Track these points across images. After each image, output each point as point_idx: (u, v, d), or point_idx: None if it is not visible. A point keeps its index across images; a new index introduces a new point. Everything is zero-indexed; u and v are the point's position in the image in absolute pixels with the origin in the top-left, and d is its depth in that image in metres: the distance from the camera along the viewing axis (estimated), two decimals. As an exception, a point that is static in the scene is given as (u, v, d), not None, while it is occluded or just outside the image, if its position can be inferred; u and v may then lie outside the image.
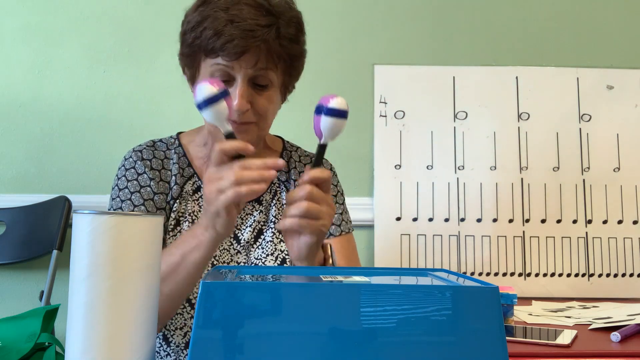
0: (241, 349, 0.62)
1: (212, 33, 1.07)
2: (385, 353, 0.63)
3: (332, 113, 0.97)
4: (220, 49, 1.07)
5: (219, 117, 0.97)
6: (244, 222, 1.22)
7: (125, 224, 0.69)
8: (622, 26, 2.10)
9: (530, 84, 2.04)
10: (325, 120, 0.97)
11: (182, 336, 1.15)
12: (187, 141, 1.28)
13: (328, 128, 0.98)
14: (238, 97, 1.08)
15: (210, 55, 1.09)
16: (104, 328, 0.68)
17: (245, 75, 1.09)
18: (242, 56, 1.07)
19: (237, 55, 1.07)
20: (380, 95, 2.02)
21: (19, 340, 1.46)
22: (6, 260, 1.85)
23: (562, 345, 1.17)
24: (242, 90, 1.09)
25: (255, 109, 1.12)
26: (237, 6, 1.08)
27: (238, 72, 1.09)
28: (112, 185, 1.22)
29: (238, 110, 1.09)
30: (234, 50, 1.06)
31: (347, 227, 1.32)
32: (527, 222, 1.98)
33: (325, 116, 0.97)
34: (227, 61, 1.08)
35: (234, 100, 1.08)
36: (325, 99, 0.98)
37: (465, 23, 2.07)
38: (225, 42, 1.06)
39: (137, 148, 1.24)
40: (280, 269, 1.04)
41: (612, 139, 2.03)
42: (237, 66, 1.09)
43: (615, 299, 1.88)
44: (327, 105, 0.97)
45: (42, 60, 1.97)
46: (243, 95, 1.09)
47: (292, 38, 1.13)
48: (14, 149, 1.95)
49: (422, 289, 0.68)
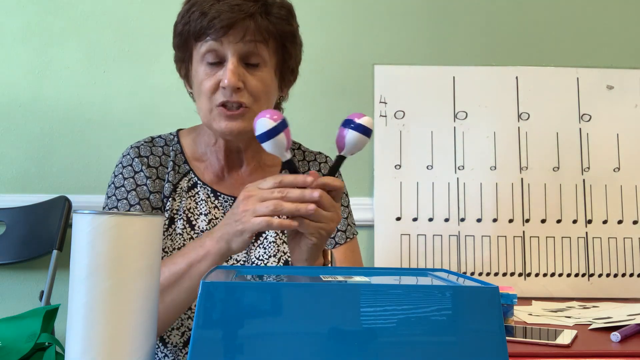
0: (241, 349, 0.62)
1: (199, 13, 1.08)
2: (385, 353, 0.63)
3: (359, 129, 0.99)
4: (207, 26, 1.07)
5: (278, 148, 0.98)
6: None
7: (125, 224, 0.69)
8: (622, 26, 2.10)
9: (530, 84, 2.04)
10: (352, 134, 1.00)
11: (179, 336, 1.15)
12: (185, 138, 1.27)
13: (352, 142, 1.00)
14: (228, 72, 1.08)
15: (200, 38, 1.10)
16: (104, 328, 0.68)
17: (235, 51, 1.09)
18: (229, 30, 1.07)
19: (225, 30, 1.07)
20: (380, 95, 2.02)
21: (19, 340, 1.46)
22: (6, 260, 1.85)
23: (562, 345, 1.17)
24: (232, 66, 1.08)
25: (249, 90, 1.11)
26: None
27: (227, 49, 1.09)
28: (109, 182, 1.21)
29: (229, 85, 1.08)
30: (220, 24, 1.06)
31: (352, 232, 1.32)
32: (527, 222, 1.98)
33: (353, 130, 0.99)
34: (215, 38, 1.08)
35: (224, 78, 1.08)
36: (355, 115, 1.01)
37: (465, 23, 2.07)
38: (212, 18, 1.06)
39: (135, 144, 1.23)
40: (280, 269, 1.04)
41: (612, 139, 2.03)
42: (225, 42, 1.08)
43: (615, 299, 1.88)
44: (357, 121, 1.00)
45: (42, 60, 1.97)
46: (234, 71, 1.08)
47: (282, 17, 1.13)
48: (14, 149, 1.95)
49: (422, 289, 0.68)
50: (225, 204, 1.21)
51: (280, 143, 0.97)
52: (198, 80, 1.13)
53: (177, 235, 1.17)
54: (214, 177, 1.23)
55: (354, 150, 1.02)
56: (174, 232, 1.17)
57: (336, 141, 1.02)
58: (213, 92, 1.11)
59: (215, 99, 1.11)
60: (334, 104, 2.01)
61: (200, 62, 1.12)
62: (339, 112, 2.02)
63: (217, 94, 1.11)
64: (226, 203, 1.21)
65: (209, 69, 1.11)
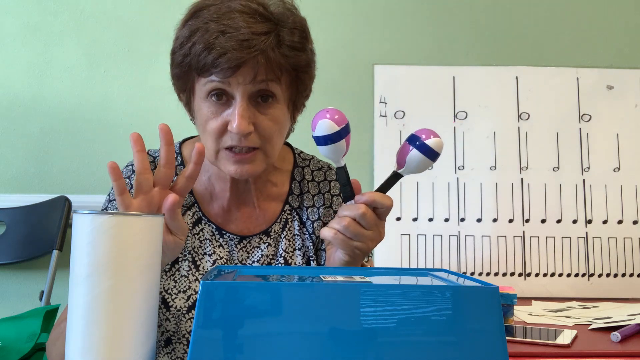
0: (241, 349, 0.62)
1: (202, 48, 0.95)
2: (385, 353, 0.63)
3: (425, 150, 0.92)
4: (212, 64, 0.94)
5: (336, 155, 0.91)
6: (250, 255, 1.12)
7: (125, 224, 0.69)
8: (622, 26, 2.10)
9: (530, 84, 2.04)
10: (415, 154, 0.92)
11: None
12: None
13: (415, 164, 0.93)
14: (237, 117, 0.96)
15: (203, 73, 0.97)
16: (104, 328, 0.68)
17: (244, 92, 0.97)
18: (237, 71, 0.95)
19: (232, 71, 0.94)
20: (380, 95, 2.02)
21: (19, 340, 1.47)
22: (6, 260, 1.86)
23: (562, 345, 1.17)
24: (241, 110, 0.96)
25: (259, 132, 0.99)
26: (228, 14, 0.96)
27: (236, 90, 0.97)
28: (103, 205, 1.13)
29: (238, 132, 0.96)
30: (228, 64, 0.94)
31: None
32: (527, 222, 1.98)
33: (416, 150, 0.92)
34: (221, 78, 0.96)
35: (232, 122, 0.96)
36: (425, 132, 0.92)
37: (465, 23, 2.07)
38: (217, 56, 0.94)
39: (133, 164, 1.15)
40: (280, 269, 1.04)
41: (612, 139, 2.03)
42: (234, 82, 0.96)
43: (615, 299, 1.88)
44: (425, 141, 0.91)
45: (42, 60, 1.97)
46: (243, 115, 0.96)
47: (295, 46, 1.00)
48: (14, 149, 1.95)
49: (422, 289, 0.68)
50: (231, 242, 1.12)
51: (340, 150, 0.91)
52: (202, 118, 1.01)
53: (181, 277, 1.08)
54: (219, 211, 1.13)
55: (414, 171, 0.93)
56: (177, 272, 1.08)
57: (397, 155, 0.94)
58: (220, 134, 0.99)
59: (222, 142, 1.00)
60: (334, 104, 1.99)
61: (205, 99, 1.00)
62: (339, 112, 2.02)
63: (224, 137, 1.00)
64: (232, 242, 1.12)
65: (214, 107, 0.99)
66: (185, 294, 1.08)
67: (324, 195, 1.18)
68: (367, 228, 0.92)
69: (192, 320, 1.07)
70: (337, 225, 0.92)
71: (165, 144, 0.92)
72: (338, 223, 0.92)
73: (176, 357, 1.10)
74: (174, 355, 1.10)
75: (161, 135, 0.92)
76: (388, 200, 0.93)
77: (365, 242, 0.93)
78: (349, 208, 0.93)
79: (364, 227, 0.92)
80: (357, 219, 0.92)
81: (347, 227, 0.91)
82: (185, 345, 1.08)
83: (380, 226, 0.94)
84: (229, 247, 1.12)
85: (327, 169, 1.21)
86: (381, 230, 0.95)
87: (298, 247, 1.13)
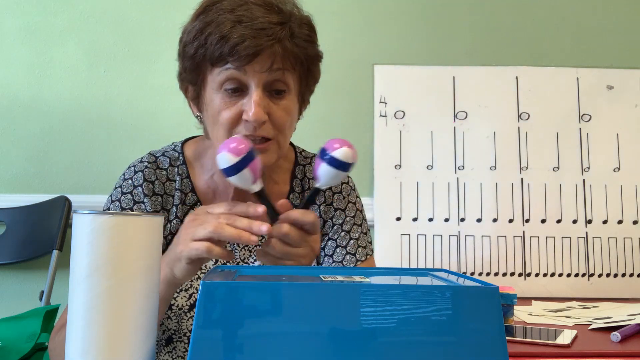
0: (241, 349, 0.62)
1: (219, 37, 0.95)
2: (385, 353, 0.63)
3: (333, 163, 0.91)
4: (229, 53, 0.95)
5: (244, 183, 0.90)
6: (252, 254, 1.13)
7: (125, 224, 0.69)
8: (622, 26, 2.10)
9: (530, 84, 2.04)
10: (325, 168, 0.91)
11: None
12: (192, 156, 1.15)
13: (327, 177, 0.92)
14: (254, 105, 0.96)
15: (218, 63, 0.97)
16: (104, 328, 0.68)
17: (260, 81, 0.97)
18: (255, 58, 0.95)
19: (250, 58, 0.95)
20: (380, 95, 2.02)
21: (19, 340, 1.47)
22: (6, 260, 1.86)
23: (562, 345, 1.17)
24: (258, 98, 0.97)
25: (273, 122, 1.00)
26: (244, 7, 0.97)
27: (252, 78, 0.97)
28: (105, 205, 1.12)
29: (255, 120, 0.97)
30: (246, 51, 0.94)
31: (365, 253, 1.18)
32: (527, 222, 1.98)
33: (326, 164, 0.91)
34: (237, 66, 0.96)
35: (249, 111, 0.97)
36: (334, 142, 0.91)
37: (465, 23, 2.07)
38: (235, 44, 0.94)
39: (138, 167, 1.11)
40: (280, 269, 1.04)
41: (612, 139, 2.03)
42: (250, 71, 0.97)
43: (615, 299, 1.88)
44: (331, 153, 0.90)
45: (42, 60, 1.97)
46: (259, 103, 0.97)
47: (306, 38, 1.02)
48: (14, 149, 1.95)
49: (422, 289, 0.68)
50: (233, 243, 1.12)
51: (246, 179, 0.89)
52: (214, 109, 1.01)
53: None
54: None
55: (330, 184, 0.93)
56: None
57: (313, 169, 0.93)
58: (234, 124, 1.00)
59: (236, 132, 1.00)
60: (334, 104, 2.01)
61: (217, 90, 1.00)
62: (339, 112, 2.03)
63: (238, 127, 1.00)
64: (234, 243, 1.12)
65: (228, 98, 0.99)
66: (187, 292, 1.09)
67: (324, 192, 1.18)
68: (294, 246, 0.91)
69: (193, 319, 1.07)
70: (265, 247, 0.92)
71: None
72: (265, 245, 0.91)
73: (177, 356, 1.10)
74: (175, 354, 1.10)
75: None
76: (310, 216, 0.91)
77: (296, 259, 0.91)
78: (274, 229, 0.91)
79: (292, 245, 0.90)
80: (282, 239, 0.90)
81: (273, 247, 0.90)
82: (186, 343, 1.09)
83: (311, 241, 0.93)
84: (231, 246, 1.13)
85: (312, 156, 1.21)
86: (313, 245, 0.93)
87: None
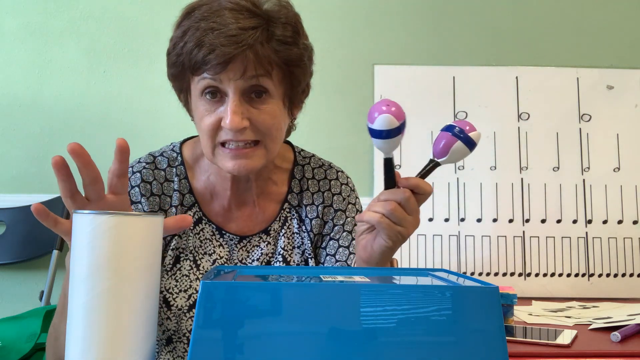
0: (241, 349, 0.62)
1: (193, 45, 0.96)
2: (385, 353, 0.63)
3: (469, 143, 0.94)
4: (203, 62, 0.96)
5: (391, 148, 0.92)
6: (250, 254, 1.12)
7: (125, 224, 0.69)
8: (622, 26, 2.10)
9: (530, 84, 2.04)
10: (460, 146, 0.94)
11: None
12: (190, 157, 1.15)
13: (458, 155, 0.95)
14: (230, 113, 0.96)
15: (196, 72, 0.98)
16: (104, 328, 0.68)
17: (236, 88, 0.97)
18: (227, 66, 0.96)
19: (222, 67, 0.95)
20: (380, 95, 2.02)
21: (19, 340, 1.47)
22: (6, 260, 1.86)
23: (562, 345, 1.17)
24: (233, 106, 0.97)
25: (256, 126, 1.00)
26: (218, 12, 0.97)
27: (227, 86, 0.97)
28: None
29: (232, 128, 0.97)
30: (216, 60, 0.95)
31: None
32: (527, 222, 1.98)
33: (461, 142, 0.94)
34: (212, 75, 0.97)
35: (225, 118, 0.97)
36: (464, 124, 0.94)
37: (465, 23, 2.07)
38: (207, 53, 0.95)
39: (136, 168, 1.11)
40: (280, 269, 1.04)
41: (612, 139, 2.03)
42: (224, 78, 0.97)
43: (615, 299, 1.88)
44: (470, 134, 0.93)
45: (42, 60, 1.97)
46: (236, 111, 0.97)
47: (286, 40, 1.00)
48: (14, 149, 1.95)
49: (422, 289, 0.68)
50: (231, 242, 1.12)
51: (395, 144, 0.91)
52: (198, 116, 1.03)
53: (183, 276, 1.09)
54: (220, 210, 1.13)
55: (454, 162, 0.96)
56: (178, 272, 1.09)
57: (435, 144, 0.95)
58: (215, 130, 1.00)
59: (218, 138, 1.01)
60: (334, 104, 2.01)
61: (200, 97, 1.01)
62: (339, 112, 2.03)
63: (220, 133, 1.00)
64: (232, 242, 1.12)
65: (208, 105, 1.00)
66: (187, 293, 1.09)
67: (323, 193, 1.18)
68: (409, 213, 0.92)
69: (192, 319, 1.07)
70: (383, 210, 0.92)
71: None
72: (383, 207, 0.92)
73: (177, 356, 1.10)
74: (175, 354, 1.10)
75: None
76: (429, 187, 0.94)
77: (408, 227, 0.93)
78: (393, 193, 0.93)
79: (407, 212, 0.92)
80: (402, 204, 0.92)
81: (393, 211, 0.91)
82: (185, 344, 1.09)
83: (418, 213, 0.94)
84: (229, 247, 1.13)
85: (327, 167, 1.20)
86: (418, 217, 0.95)
87: (297, 245, 1.14)
